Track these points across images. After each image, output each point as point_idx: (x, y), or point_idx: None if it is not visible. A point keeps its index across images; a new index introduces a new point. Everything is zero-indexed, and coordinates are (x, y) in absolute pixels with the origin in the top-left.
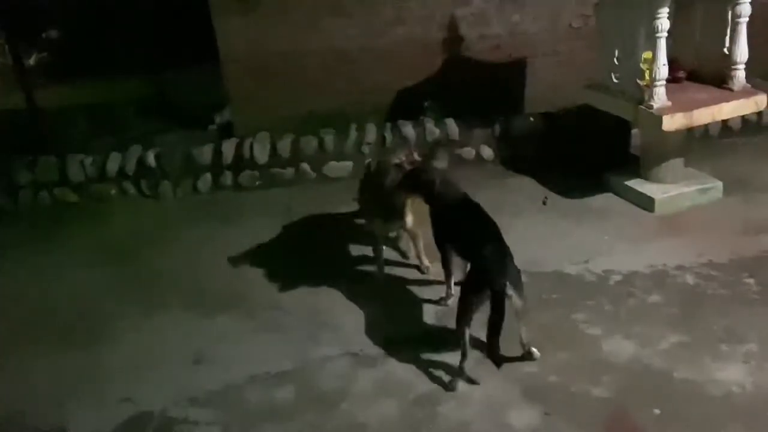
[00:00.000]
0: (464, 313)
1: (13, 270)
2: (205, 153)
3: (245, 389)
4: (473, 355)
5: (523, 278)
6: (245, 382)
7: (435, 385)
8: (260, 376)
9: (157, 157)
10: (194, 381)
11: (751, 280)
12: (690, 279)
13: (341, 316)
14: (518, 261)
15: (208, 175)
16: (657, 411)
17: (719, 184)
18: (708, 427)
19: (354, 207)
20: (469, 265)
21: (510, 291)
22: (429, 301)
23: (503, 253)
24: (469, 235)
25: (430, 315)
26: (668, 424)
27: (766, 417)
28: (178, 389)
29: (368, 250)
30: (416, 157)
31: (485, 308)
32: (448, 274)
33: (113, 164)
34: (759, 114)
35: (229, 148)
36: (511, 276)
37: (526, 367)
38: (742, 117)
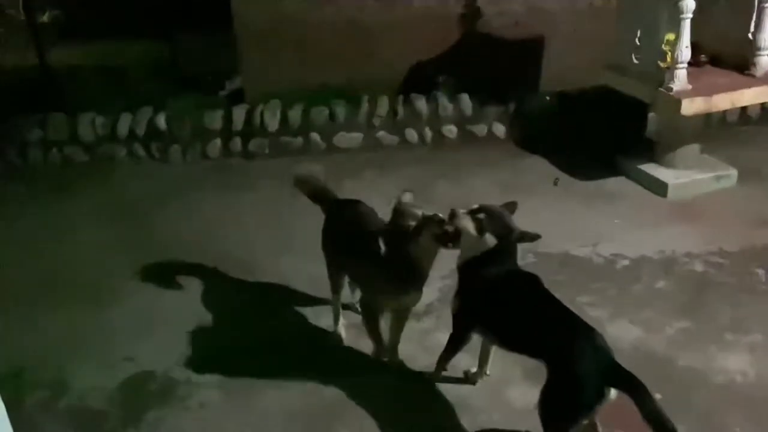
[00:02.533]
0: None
1: (22, 228)
2: (215, 118)
3: (248, 354)
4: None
5: (531, 259)
6: (248, 347)
7: (436, 360)
8: (263, 342)
9: (167, 121)
10: (197, 344)
11: (760, 271)
12: (699, 266)
13: (345, 288)
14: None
15: (218, 141)
16: (658, 395)
17: (734, 172)
18: (709, 414)
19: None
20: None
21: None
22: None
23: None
24: (546, 324)
25: (432, 290)
26: (669, 409)
27: (767, 406)
28: (182, 351)
29: None
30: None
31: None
32: (448, 359)
33: (124, 125)
34: None
35: (239, 114)
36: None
37: None
38: (762, 105)
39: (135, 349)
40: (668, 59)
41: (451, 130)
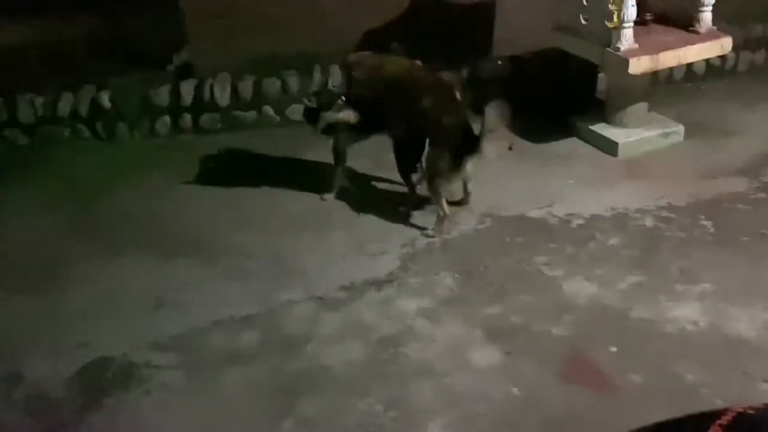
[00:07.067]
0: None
1: None
2: (162, 94)
3: (208, 333)
4: (438, 298)
5: (488, 222)
6: (208, 326)
7: (399, 327)
8: (224, 321)
9: (112, 98)
10: (156, 326)
11: (707, 222)
12: (649, 221)
13: (305, 261)
14: (483, 205)
15: (167, 118)
16: (614, 348)
17: (681, 128)
18: (662, 363)
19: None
20: None
21: None
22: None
23: None
24: None
25: (393, 258)
26: (624, 361)
27: (717, 353)
28: (140, 334)
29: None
30: None
31: None
32: None
33: (65, 105)
34: (723, 58)
35: (187, 89)
36: None
37: (489, 309)
38: (707, 61)
39: (90, 334)
40: (615, 19)
41: None
